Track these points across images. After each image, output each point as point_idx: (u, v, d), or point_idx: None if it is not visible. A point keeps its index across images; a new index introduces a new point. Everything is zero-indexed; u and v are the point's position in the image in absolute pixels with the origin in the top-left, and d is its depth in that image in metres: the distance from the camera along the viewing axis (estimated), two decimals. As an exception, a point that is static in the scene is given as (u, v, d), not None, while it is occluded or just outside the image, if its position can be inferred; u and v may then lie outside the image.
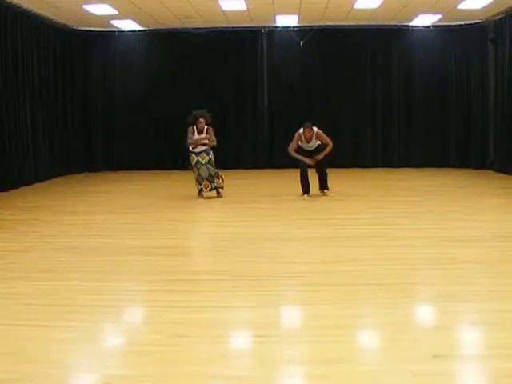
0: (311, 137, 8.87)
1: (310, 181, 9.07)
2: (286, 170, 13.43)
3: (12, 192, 10.24)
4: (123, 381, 2.94)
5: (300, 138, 8.94)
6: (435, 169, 13.30)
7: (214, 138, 9.19)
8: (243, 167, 13.63)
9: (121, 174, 13.19)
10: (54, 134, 12.42)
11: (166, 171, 13.51)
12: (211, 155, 9.19)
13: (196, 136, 9.16)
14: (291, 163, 13.66)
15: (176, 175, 12.94)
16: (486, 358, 3.19)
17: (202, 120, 9.12)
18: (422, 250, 5.66)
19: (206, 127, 9.18)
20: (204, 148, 9.16)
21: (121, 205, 8.87)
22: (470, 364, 3.12)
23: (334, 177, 9.27)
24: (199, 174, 9.12)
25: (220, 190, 9.29)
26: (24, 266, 5.18)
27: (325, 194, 9.14)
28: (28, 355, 3.23)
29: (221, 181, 9.28)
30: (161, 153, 13.89)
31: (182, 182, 11.78)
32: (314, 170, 9.17)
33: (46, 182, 11.76)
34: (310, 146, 8.94)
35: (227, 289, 4.52)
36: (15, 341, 3.44)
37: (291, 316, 4.09)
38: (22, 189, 10.66)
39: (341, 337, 3.46)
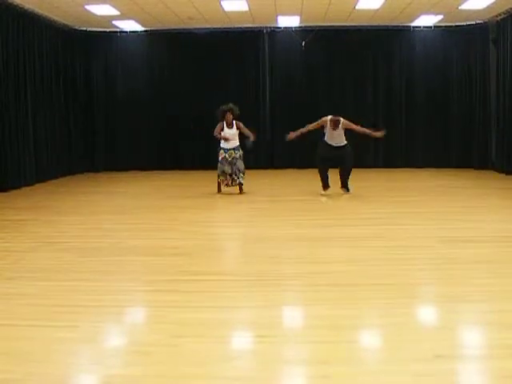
0: (337, 124, 8.94)
1: (328, 177, 9.16)
2: (287, 171, 13.49)
3: (13, 192, 10.25)
4: (123, 381, 2.95)
5: (325, 123, 8.99)
6: (437, 169, 13.30)
7: (247, 130, 9.41)
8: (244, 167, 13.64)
9: (122, 175, 13.19)
10: (55, 135, 12.43)
11: (167, 171, 13.53)
12: (241, 152, 9.42)
13: (226, 130, 9.30)
14: (292, 163, 13.81)
15: (178, 175, 12.96)
16: (487, 358, 3.19)
17: (228, 114, 9.29)
18: (423, 250, 5.65)
19: (234, 121, 9.36)
20: (235, 146, 9.35)
21: (122, 205, 8.88)
22: (471, 364, 3.12)
23: (336, 176, 9.26)
24: (223, 171, 9.34)
25: (242, 186, 9.51)
26: (25, 266, 5.18)
27: (345, 192, 9.21)
28: (28, 355, 3.23)
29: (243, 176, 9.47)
30: (162, 153, 13.91)
31: (183, 183, 11.81)
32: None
33: (48, 182, 11.77)
34: (337, 135, 8.97)
35: (227, 289, 4.53)
36: (15, 341, 3.45)
37: (291, 316, 4.09)
38: (24, 189, 10.68)
39: (341, 337, 3.46)
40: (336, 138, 9.02)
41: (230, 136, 9.31)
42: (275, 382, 3.03)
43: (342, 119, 8.99)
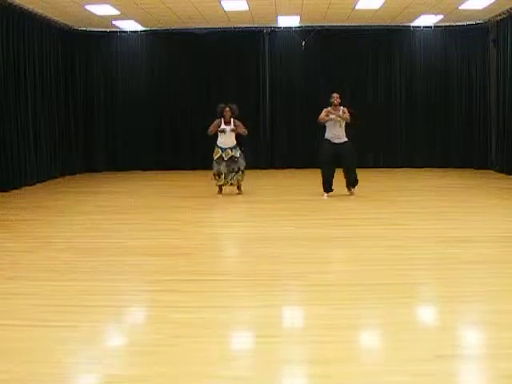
0: (338, 105, 9.10)
1: (332, 179, 9.11)
2: (287, 171, 13.48)
3: (13, 192, 10.25)
4: (124, 381, 2.95)
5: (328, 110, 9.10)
6: (437, 169, 13.29)
7: (242, 129, 9.34)
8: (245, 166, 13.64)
9: (122, 174, 13.19)
10: (55, 135, 12.42)
11: (167, 171, 13.52)
12: (240, 151, 9.32)
13: (223, 127, 9.23)
14: (292, 163, 13.81)
15: (178, 175, 12.96)
16: (487, 357, 3.19)
17: (227, 110, 9.21)
18: (423, 250, 5.65)
19: (232, 119, 9.28)
20: (232, 145, 9.26)
21: (121, 205, 8.87)
22: (471, 364, 3.13)
23: (336, 177, 9.26)
24: (218, 169, 9.25)
25: (241, 185, 9.46)
26: (25, 266, 5.19)
27: (351, 193, 9.17)
28: (28, 355, 3.23)
29: (243, 177, 9.43)
30: (162, 153, 13.90)
31: (183, 183, 11.81)
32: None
33: (48, 182, 11.77)
34: (338, 127, 9.02)
35: (228, 289, 4.53)
36: (16, 341, 3.45)
37: (291, 316, 4.09)
38: (24, 189, 10.67)
39: (341, 337, 3.46)
40: (337, 129, 8.98)
41: (227, 131, 9.20)
42: (275, 382, 3.03)
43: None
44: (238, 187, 9.47)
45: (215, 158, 9.26)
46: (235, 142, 9.30)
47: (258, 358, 3.24)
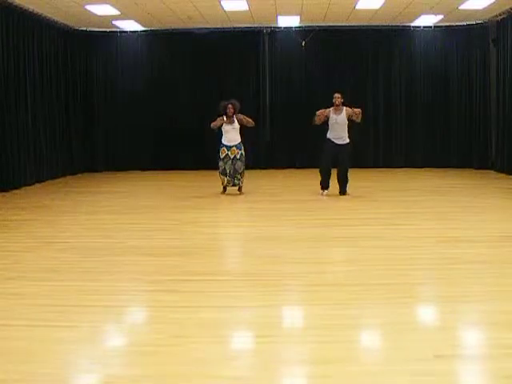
0: (340, 105, 9.09)
1: (329, 177, 9.18)
2: (287, 171, 13.49)
3: (13, 192, 10.25)
4: (124, 381, 2.95)
5: (328, 112, 9.11)
6: (437, 169, 13.30)
7: (248, 119, 9.41)
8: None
9: (121, 175, 13.19)
10: (55, 135, 12.42)
11: (167, 171, 13.53)
12: (242, 150, 9.36)
13: (225, 126, 9.27)
14: (292, 163, 13.81)
15: (177, 175, 12.96)
16: (487, 358, 3.19)
17: (230, 106, 9.25)
18: (423, 251, 5.65)
19: (235, 116, 9.32)
20: (236, 142, 9.30)
21: (121, 205, 8.87)
22: (471, 364, 3.12)
23: (333, 177, 9.27)
24: (224, 169, 9.29)
25: (241, 185, 9.50)
26: (25, 266, 5.18)
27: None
28: (28, 355, 3.23)
29: (242, 178, 9.47)
30: (162, 153, 13.90)
31: (183, 183, 11.81)
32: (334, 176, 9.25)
33: (48, 182, 11.77)
34: (339, 120, 9.03)
35: (227, 289, 4.53)
36: (16, 341, 3.45)
37: (291, 316, 4.09)
38: (24, 189, 10.68)
39: (341, 337, 3.46)
40: (339, 130, 9.01)
41: (230, 130, 9.25)
42: (275, 382, 3.03)
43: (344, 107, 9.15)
44: (239, 188, 9.50)
45: (222, 157, 9.30)
46: (239, 140, 9.34)
47: (258, 357, 3.24)
